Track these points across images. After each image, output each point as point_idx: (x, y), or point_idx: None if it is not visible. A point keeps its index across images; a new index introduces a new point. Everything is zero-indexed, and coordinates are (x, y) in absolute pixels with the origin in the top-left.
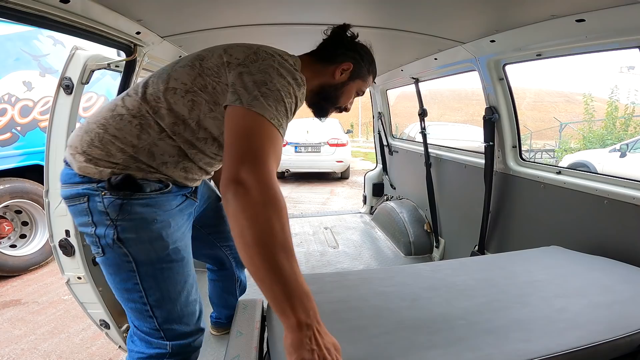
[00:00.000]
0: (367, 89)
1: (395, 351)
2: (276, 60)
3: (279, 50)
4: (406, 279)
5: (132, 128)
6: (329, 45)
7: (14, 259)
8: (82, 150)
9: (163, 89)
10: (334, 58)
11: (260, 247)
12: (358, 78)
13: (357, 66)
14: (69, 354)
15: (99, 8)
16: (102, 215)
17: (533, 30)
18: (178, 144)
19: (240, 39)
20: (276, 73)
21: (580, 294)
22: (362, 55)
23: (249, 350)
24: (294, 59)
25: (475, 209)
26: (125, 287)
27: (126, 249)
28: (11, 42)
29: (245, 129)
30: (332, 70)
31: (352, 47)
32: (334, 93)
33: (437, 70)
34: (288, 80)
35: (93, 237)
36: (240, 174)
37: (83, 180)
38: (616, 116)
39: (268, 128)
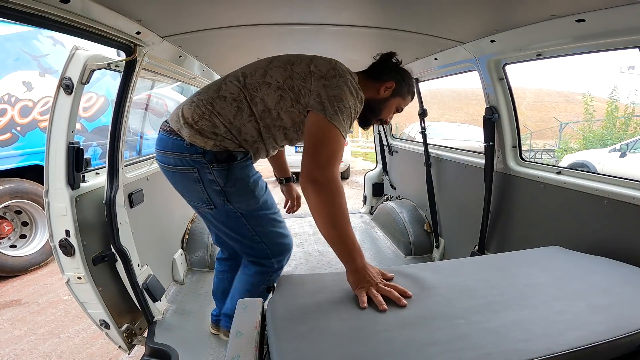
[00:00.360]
0: (405, 106)
1: (396, 347)
2: (348, 80)
3: (346, 67)
4: (406, 279)
5: (231, 109)
6: (377, 66)
7: (14, 259)
8: (192, 122)
9: (260, 81)
10: (381, 77)
11: (334, 222)
12: (399, 96)
13: (399, 85)
14: (69, 354)
15: (98, 8)
16: (212, 182)
17: (533, 30)
18: (260, 128)
19: (240, 39)
20: (348, 92)
21: (580, 296)
22: (404, 77)
23: (249, 350)
24: (355, 75)
25: (475, 209)
26: (236, 228)
27: (232, 206)
28: (11, 42)
29: (325, 137)
30: (377, 87)
31: (396, 70)
32: (377, 107)
33: (437, 70)
34: (355, 98)
35: (205, 198)
36: (317, 175)
37: (190, 150)
38: (616, 116)
39: (339, 138)
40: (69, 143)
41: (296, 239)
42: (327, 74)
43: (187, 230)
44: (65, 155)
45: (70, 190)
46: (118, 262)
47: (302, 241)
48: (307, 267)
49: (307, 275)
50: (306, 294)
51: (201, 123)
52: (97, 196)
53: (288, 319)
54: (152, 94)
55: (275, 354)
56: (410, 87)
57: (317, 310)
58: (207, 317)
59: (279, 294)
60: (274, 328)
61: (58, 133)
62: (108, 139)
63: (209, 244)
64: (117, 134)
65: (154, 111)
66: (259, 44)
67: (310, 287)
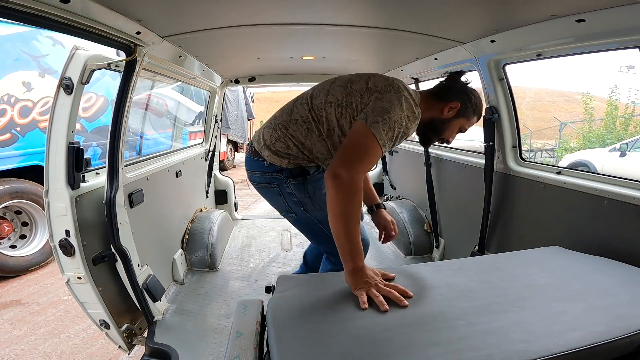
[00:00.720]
0: (470, 127)
1: (396, 348)
2: (403, 96)
3: (405, 85)
4: (406, 279)
5: (302, 130)
6: (444, 86)
7: (14, 260)
8: (270, 144)
9: (324, 101)
10: (446, 97)
11: (344, 219)
12: (463, 116)
13: (464, 106)
14: (69, 354)
15: (98, 8)
16: (290, 195)
17: (533, 30)
18: (328, 146)
19: (240, 39)
20: (398, 107)
21: (580, 297)
22: (470, 98)
23: (249, 350)
24: (416, 93)
25: (475, 209)
26: (314, 232)
27: (309, 214)
28: (10, 42)
29: (359, 141)
30: (442, 107)
31: (463, 90)
32: (440, 126)
33: (437, 70)
34: (406, 114)
35: (287, 208)
36: (341, 172)
37: (270, 169)
38: (616, 116)
39: (374, 145)
40: (69, 143)
41: (296, 239)
42: (383, 89)
43: (187, 230)
44: (65, 155)
45: (70, 190)
46: (118, 262)
47: (302, 241)
48: None
49: (307, 275)
50: (306, 294)
51: (277, 145)
52: (97, 196)
53: (288, 319)
54: (152, 93)
55: (275, 354)
56: (477, 108)
57: (317, 310)
58: (207, 317)
59: (279, 294)
60: (274, 328)
61: (58, 133)
62: (108, 139)
63: (209, 243)
64: (117, 134)
65: (154, 111)
66: (259, 44)
67: (310, 287)
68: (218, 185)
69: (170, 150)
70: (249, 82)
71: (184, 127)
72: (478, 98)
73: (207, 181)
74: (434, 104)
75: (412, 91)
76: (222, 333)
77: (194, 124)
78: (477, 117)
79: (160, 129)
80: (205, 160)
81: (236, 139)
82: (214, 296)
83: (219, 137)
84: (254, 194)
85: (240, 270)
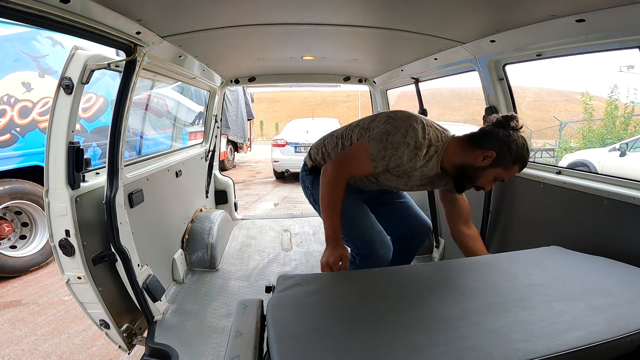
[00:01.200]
0: (508, 177)
1: (396, 348)
2: (412, 126)
3: (431, 123)
4: (406, 279)
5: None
6: (484, 132)
7: (14, 260)
8: (310, 150)
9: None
10: (482, 144)
11: (324, 199)
12: (499, 166)
13: (501, 156)
14: (70, 354)
15: (98, 8)
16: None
17: (533, 30)
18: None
19: (240, 39)
20: (402, 133)
21: (580, 297)
22: (510, 148)
23: (249, 350)
24: (440, 132)
25: (475, 209)
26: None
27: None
28: (10, 43)
29: (353, 150)
30: (477, 154)
31: (504, 139)
32: (473, 174)
33: (437, 70)
34: (407, 141)
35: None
36: (328, 167)
37: (303, 168)
38: (616, 115)
39: (363, 157)
40: (69, 143)
41: (296, 239)
42: (396, 115)
43: (187, 230)
44: (65, 155)
45: (70, 190)
46: (118, 262)
47: (302, 241)
48: (307, 267)
49: (307, 275)
50: (306, 294)
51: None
52: (97, 196)
53: (288, 319)
54: (152, 94)
55: (275, 354)
56: (518, 158)
57: (316, 310)
58: (207, 317)
59: (279, 294)
60: (274, 328)
61: (58, 133)
62: (108, 139)
63: (209, 243)
64: (117, 134)
65: (154, 111)
66: (259, 44)
67: (310, 287)
68: (218, 185)
69: (170, 150)
70: (249, 82)
71: (183, 127)
72: (522, 147)
73: (207, 181)
74: (468, 150)
75: (436, 129)
76: (222, 333)
77: (194, 124)
78: (519, 167)
79: (160, 129)
80: (205, 160)
81: (236, 139)
82: (214, 296)
83: (219, 137)
84: (254, 194)
85: (240, 270)
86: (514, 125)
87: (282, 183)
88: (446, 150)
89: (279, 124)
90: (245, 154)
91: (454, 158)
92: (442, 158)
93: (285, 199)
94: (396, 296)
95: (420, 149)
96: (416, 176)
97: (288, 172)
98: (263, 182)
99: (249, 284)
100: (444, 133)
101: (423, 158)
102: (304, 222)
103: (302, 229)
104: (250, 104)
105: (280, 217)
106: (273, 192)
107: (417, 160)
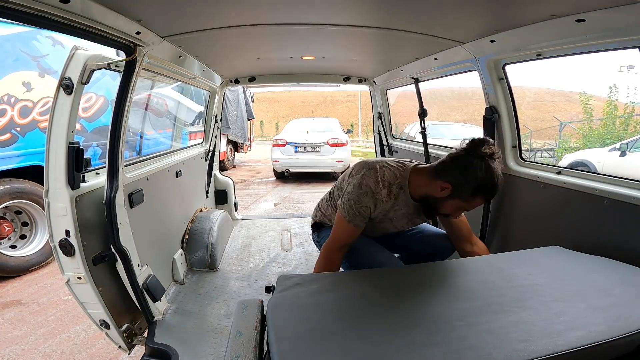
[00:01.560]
0: (474, 207)
1: (395, 349)
2: (364, 175)
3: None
4: (406, 279)
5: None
6: (446, 162)
7: (14, 260)
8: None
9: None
10: (441, 175)
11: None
12: (457, 198)
13: (458, 188)
14: (70, 354)
15: (98, 8)
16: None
17: (533, 30)
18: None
19: (240, 39)
20: (358, 186)
21: (580, 297)
22: (468, 179)
23: (249, 350)
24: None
25: (475, 209)
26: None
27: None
28: (10, 42)
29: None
30: (436, 185)
31: (463, 169)
32: (435, 204)
33: (437, 70)
34: (364, 191)
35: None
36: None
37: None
38: (616, 115)
39: (344, 224)
40: (69, 143)
41: (296, 239)
42: (355, 170)
43: (187, 230)
44: (65, 155)
45: (70, 190)
46: (118, 262)
47: (302, 241)
48: (307, 267)
49: (307, 275)
50: (306, 294)
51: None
52: (97, 196)
53: (288, 319)
54: (152, 93)
55: (275, 354)
56: (479, 189)
57: (317, 310)
58: (207, 317)
59: (279, 294)
60: (274, 328)
61: (58, 133)
62: (108, 139)
63: (209, 244)
64: (117, 134)
65: (154, 111)
66: (259, 44)
67: (310, 287)
68: (218, 185)
69: (170, 150)
70: (249, 82)
71: (183, 127)
72: (486, 178)
73: (207, 181)
74: (430, 180)
75: (392, 167)
76: (222, 333)
77: (194, 124)
78: (483, 199)
79: (160, 129)
80: (205, 160)
81: (236, 139)
82: (214, 296)
83: (219, 137)
84: (254, 194)
85: (240, 270)
86: (485, 151)
87: (282, 183)
88: (411, 184)
89: (279, 124)
90: (245, 154)
91: (419, 189)
92: (410, 191)
93: (285, 199)
94: (396, 296)
95: (378, 192)
96: (397, 216)
97: (288, 172)
98: (263, 182)
99: (249, 284)
100: (403, 167)
101: (388, 198)
102: (304, 222)
103: (302, 229)
104: (250, 103)
105: (280, 217)
106: (273, 192)
107: (383, 202)
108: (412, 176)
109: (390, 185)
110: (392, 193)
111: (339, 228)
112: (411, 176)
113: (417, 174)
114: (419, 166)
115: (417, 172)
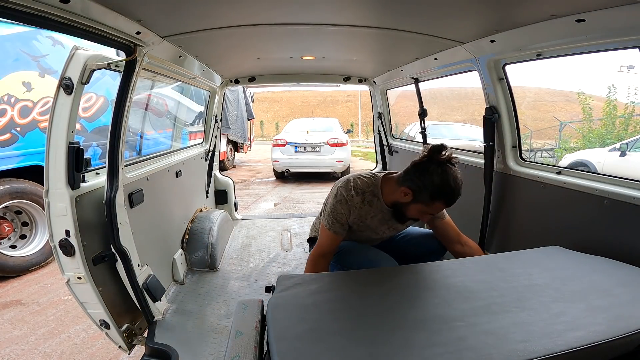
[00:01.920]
0: (438, 211)
1: (395, 349)
2: (339, 187)
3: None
4: (406, 279)
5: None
6: (409, 169)
7: (14, 260)
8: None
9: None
10: (404, 182)
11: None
12: (419, 202)
13: (417, 193)
14: (70, 354)
15: (98, 8)
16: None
17: (533, 30)
18: None
19: (240, 39)
20: (334, 196)
21: (580, 297)
22: (425, 184)
23: (249, 350)
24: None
25: (475, 209)
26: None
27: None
28: (10, 42)
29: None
30: (400, 191)
31: (420, 175)
32: (401, 209)
33: (437, 70)
34: (339, 199)
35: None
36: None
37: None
38: (615, 115)
39: (326, 233)
40: (69, 143)
41: (296, 238)
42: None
43: (187, 230)
44: (65, 155)
45: (70, 190)
46: (118, 262)
47: (302, 241)
48: None
49: (307, 275)
50: (306, 294)
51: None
52: (97, 196)
53: (288, 319)
54: (152, 93)
55: (275, 354)
56: (437, 194)
57: (316, 310)
58: (207, 317)
59: (279, 294)
60: (274, 328)
61: (58, 133)
62: (108, 139)
63: (209, 244)
64: (117, 134)
65: (154, 111)
66: (259, 44)
67: (310, 287)
68: (218, 185)
69: (170, 150)
70: (249, 82)
71: (183, 127)
72: (443, 182)
73: (207, 181)
74: (396, 187)
75: (364, 177)
76: (222, 333)
77: (194, 124)
78: (443, 203)
79: (160, 129)
80: (205, 160)
81: (236, 138)
82: (214, 296)
83: (219, 137)
84: (254, 194)
85: (240, 270)
86: (443, 157)
87: (282, 183)
88: (383, 191)
89: (279, 124)
90: (245, 154)
91: (389, 196)
92: (383, 198)
93: (285, 198)
94: (395, 296)
95: (351, 199)
96: (374, 222)
97: (288, 172)
98: (263, 182)
99: (249, 284)
100: (374, 177)
101: (362, 204)
102: (304, 222)
103: (302, 229)
104: (250, 103)
105: (280, 217)
106: (273, 192)
107: (356, 208)
108: (383, 184)
109: (363, 193)
110: (365, 200)
111: (322, 236)
112: (382, 184)
113: (387, 181)
114: (389, 174)
115: (386, 180)
